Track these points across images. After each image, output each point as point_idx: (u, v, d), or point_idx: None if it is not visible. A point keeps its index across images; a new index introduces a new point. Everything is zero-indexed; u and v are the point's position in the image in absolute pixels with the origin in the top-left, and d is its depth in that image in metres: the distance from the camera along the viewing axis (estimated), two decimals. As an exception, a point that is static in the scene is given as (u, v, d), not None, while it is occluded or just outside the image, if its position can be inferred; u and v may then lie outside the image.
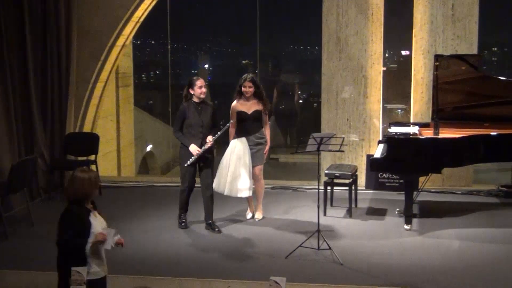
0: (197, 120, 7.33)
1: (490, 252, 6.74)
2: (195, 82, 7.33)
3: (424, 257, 6.60)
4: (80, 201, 4.68)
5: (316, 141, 6.59)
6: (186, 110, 7.35)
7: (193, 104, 7.37)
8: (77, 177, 4.69)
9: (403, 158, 7.46)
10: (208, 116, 7.39)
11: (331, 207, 8.46)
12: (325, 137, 6.65)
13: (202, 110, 7.38)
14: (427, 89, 9.47)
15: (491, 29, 13.57)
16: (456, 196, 9.30)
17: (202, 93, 7.33)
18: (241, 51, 16.99)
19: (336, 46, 9.71)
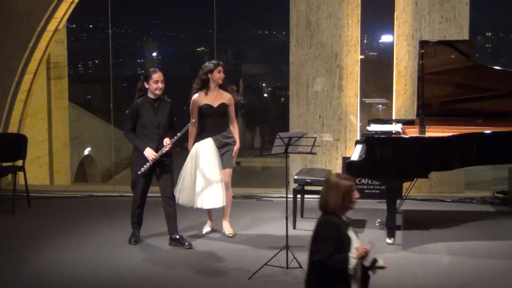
0: (152, 119, 7.30)
1: (486, 269, 6.83)
2: (151, 75, 7.29)
3: (409, 275, 6.66)
4: (337, 212, 4.71)
5: (283, 142, 6.57)
6: (140, 108, 7.31)
7: (148, 100, 7.34)
8: (339, 184, 4.74)
9: (385, 161, 7.52)
10: (165, 115, 7.36)
11: (302, 219, 8.48)
12: (294, 137, 6.65)
13: (159, 108, 7.35)
14: (411, 81, 9.57)
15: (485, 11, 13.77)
16: (446, 204, 9.42)
17: (158, 89, 7.30)
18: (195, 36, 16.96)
19: (306, 30, 9.76)
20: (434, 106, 8.39)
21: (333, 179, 4.83)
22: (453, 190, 9.81)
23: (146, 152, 7.22)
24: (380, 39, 12.30)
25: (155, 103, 7.34)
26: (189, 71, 16.66)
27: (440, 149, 7.52)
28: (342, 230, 4.67)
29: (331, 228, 4.68)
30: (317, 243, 4.65)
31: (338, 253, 4.57)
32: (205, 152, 7.55)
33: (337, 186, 4.74)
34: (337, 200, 4.71)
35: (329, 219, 4.73)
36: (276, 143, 6.58)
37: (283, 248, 6.73)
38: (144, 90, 7.38)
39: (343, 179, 4.80)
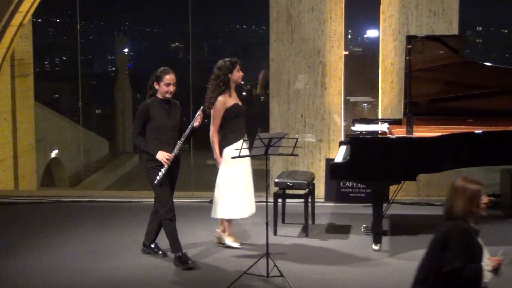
0: (165, 121, 7.06)
1: (476, 276, 6.87)
2: (163, 76, 7.05)
3: (397, 284, 6.68)
4: (465, 218, 4.67)
5: (263, 143, 6.57)
6: (150, 109, 7.07)
7: (158, 101, 7.11)
8: (466, 188, 4.71)
9: (370, 163, 7.54)
10: (178, 116, 7.19)
11: (283, 224, 8.50)
12: (274, 138, 6.64)
13: (171, 109, 7.15)
14: (398, 78, 9.62)
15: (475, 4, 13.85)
16: (435, 208, 9.46)
17: (169, 93, 7.07)
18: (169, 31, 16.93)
19: (287, 25, 9.77)
20: (422, 105, 8.44)
21: (459, 182, 4.75)
22: (442, 193, 9.85)
23: (158, 155, 6.95)
24: (365, 34, 12.36)
25: (166, 104, 7.12)
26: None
27: (428, 150, 7.55)
28: (474, 237, 4.61)
29: (462, 235, 4.59)
30: (447, 252, 4.53)
31: (470, 263, 4.49)
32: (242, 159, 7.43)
33: (463, 190, 4.69)
34: (463, 205, 4.66)
35: (459, 226, 4.62)
36: (256, 144, 6.56)
37: (263, 256, 6.72)
38: (154, 90, 7.15)
39: (470, 182, 4.73)
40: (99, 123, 16.91)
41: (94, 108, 16.73)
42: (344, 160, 7.64)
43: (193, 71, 11.20)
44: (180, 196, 9.98)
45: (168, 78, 7.03)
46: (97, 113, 17.28)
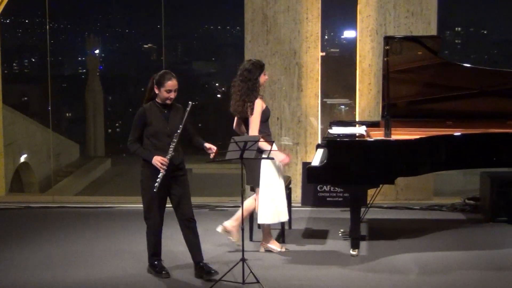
0: (163, 127, 6.82)
1: (457, 281, 6.90)
2: (164, 82, 6.78)
3: (375, 290, 6.72)
4: None
5: (238, 147, 6.57)
6: (148, 115, 6.84)
7: (157, 106, 6.88)
8: None
9: (348, 166, 7.56)
10: (178, 121, 6.85)
11: (259, 230, 8.49)
12: (250, 141, 6.64)
13: (171, 114, 6.89)
14: (376, 80, 9.66)
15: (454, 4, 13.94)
16: (414, 212, 9.52)
17: (169, 99, 6.82)
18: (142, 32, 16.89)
19: (263, 25, 9.79)
20: (400, 107, 8.48)
21: None
22: (421, 197, 9.92)
23: (154, 160, 6.74)
24: (343, 34, 12.39)
25: (165, 109, 6.87)
26: (135, 69, 16.58)
27: (406, 153, 7.58)
28: None
29: None
30: None
31: None
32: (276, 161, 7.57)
33: None
34: None
35: None
36: (231, 148, 6.54)
37: (238, 262, 6.72)
38: (152, 93, 6.93)
39: None
40: (70, 127, 16.84)
41: (65, 111, 16.65)
42: (321, 163, 7.65)
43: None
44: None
45: (170, 84, 6.76)
46: (68, 116, 17.20)
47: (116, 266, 7.40)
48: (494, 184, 8.89)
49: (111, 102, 15.74)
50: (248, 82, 7.46)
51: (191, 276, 7.00)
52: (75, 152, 16.01)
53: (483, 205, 9.31)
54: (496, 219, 8.87)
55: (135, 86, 16.22)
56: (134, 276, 7.09)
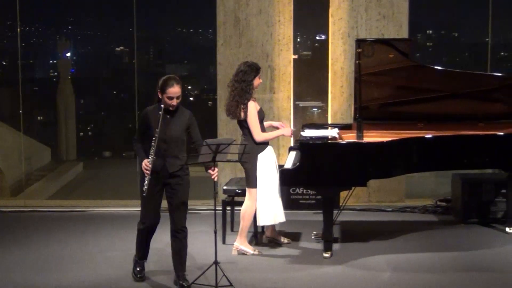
0: (161, 132, 6.59)
1: (429, 282, 6.95)
2: (166, 89, 6.57)
3: (348, 292, 6.75)
4: None
5: (211, 150, 6.55)
6: (150, 117, 6.66)
7: (160, 109, 6.64)
8: None
9: (320, 169, 7.59)
10: (180, 128, 6.70)
11: (232, 233, 8.50)
12: (222, 144, 6.62)
13: (173, 119, 6.69)
14: (348, 82, 9.70)
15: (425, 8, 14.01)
16: (386, 214, 9.57)
17: (171, 106, 6.63)
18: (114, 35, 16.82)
19: (235, 28, 9.80)
20: (372, 109, 8.52)
21: None
22: (393, 199, 9.97)
23: (142, 164, 6.65)
24: (315, 37, 12.41)
25: (168, 114, 6.66)
26: (107, 72, 16.50)
27: (378, 155, 7.62)
28: None
29: None
30: None
31: None
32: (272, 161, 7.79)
33: None
34: None
35: None
36: (203, 151, 6.51)
37: (211, 265, 6.71)
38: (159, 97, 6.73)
39: None
40: (41, 130, 16.71)
41: (36, 114, 16.52)
42: (293, 166, 7.68)
43: (139, 76, 11.15)
44: (128, 204, 9.97)
45: (171, 91, 6.55)
46: (39, 119, 17.08)
47: (87, 270, 7.38)
48: (465, 186, 8.97)
49: (83, 105, 15.63)
50: (242, 83, 7.57)
51: (171, 282, 6.99)
52: (46, 155, 15.90)
53: (454, 207, 9.38)
54: (468, 221, 8.95)
55: (107, 89, 16.14)
56: (106, 279, 7.07)
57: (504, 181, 8.75)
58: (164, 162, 6.65)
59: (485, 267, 7.38)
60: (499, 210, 8.92)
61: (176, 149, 6.67)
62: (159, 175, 6.68)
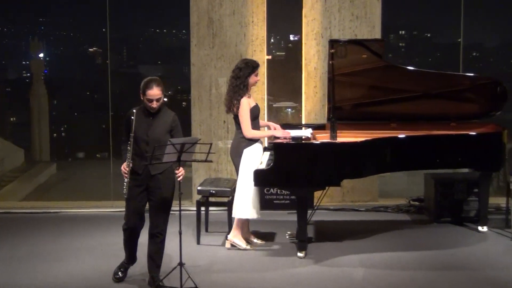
0: (143, 134, 6.57)
1: (402, 281, 6.99)
2: (146, 91, 6.51)
3: (322, 291, 6.77)
4: None
5: (176, 149, 6.47)
6: (132, 118, 6.54)
7: (143, 111, 6.64)
8: None
9: (294, 169, 7.60)
10: (162, 130, 6.64)
11: (207, 233, 8.50)
12: (187, 144, 6.54)
13: (155, 121, 6.64)
14: (321, 83, 9.73)
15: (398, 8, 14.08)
16: (360, 213, 9.60)
17: (151, 109, 6.58)
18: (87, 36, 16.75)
19: (208, 29, 9.79)
20: (345, 110, 8.55)
21: None
22: (366, 198, 10.01)
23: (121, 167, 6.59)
24: (288, 38, 12.43)
25: (151, 115, 6.62)
26: (80, 74, 16.43)
27: (352, 155, 7.64)
28: None
29: None
30: None
31: None
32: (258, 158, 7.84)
33: None
34: None
35: None
36: (168, 150, 6.43)
37: (176, 267, 6.64)
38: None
39: None
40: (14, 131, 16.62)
41: (9, 115, 16.43)
42: (268, 166, 7.69)
43: (112, 77, 11.10)
44: (101, 205, 9.95)
45: (151, 93, 6.50)
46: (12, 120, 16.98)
47: (60, 270, 7.35)
48: (437, 185, 9.01)
49: (56, 106, 15.56)
50: (237, 79, 7.74)
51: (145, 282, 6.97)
52: (19, 157, 15.82)
53: (427, 206, 9.42)
54: (440, 220, 9.00)
55: (81, 90, 16.07)
56: (79, 280, 7.04)
57: (476, 180, 8.81)
58: (148, 164, 6.55)
59: (457, 265, 7.43)
60: (471, 209, 8.97)
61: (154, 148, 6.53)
62: (141, 176, 6.65)
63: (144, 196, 6.73)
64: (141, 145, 6.58)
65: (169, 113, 6.74)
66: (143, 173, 6.62)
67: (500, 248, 8.03)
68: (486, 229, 8.60)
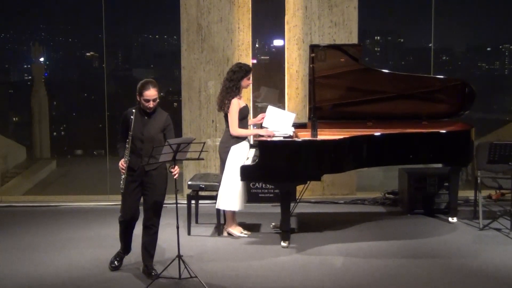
0: (138, 132, 6.55)
1: (379, 268, 6.99)
2: (143, 92, 6.51)
3: (304, 278, 6.74)
4: None
5: (172, 149, 6.46)
6: (129, 118, 6.53)
7: (139, 111, 6.60)
8: None
9: (278, 165, 7.59)
10: (156, 129, 6.63)
11: (196, 225, 8.48)
12: (182, 144, 6.54)
13: (149, 120, 6.62)
14: (303, 84, 9.72)
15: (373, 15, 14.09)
16: (339, 206, 9.60)
17: (148, 109, 6.57)
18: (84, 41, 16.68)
19: (198, 35, 9.76)
20: (325, 109, 8.56)
21: None
22: (345, 192, 10.01)
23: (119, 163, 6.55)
24: (272, 43, 12.41)
25: (146, 115, 6.61)
26: (78, 76, 16.35)
27: (332, 152, 7.64)
28: None
29: None
30: None
31: None
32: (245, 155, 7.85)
33: None
34: None
35: None
36: (165, 151, 6.41)
37: (174, 259, 6.61)
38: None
39: None
40: (17, 130, 16.54)
41: (11, 115, 16.34)
42: (253, 162, 7.67)
43: (108, 79, 11.06)
44: (98, 199, 9.91)
45: (147, 94, 6.49)
46: (15, 120, 16.88)
47: (60, 260, 7.31)
48: (411, 179, 9.03)
49: (55, 106, 15.47)
50: (231, 81, 7.75)
51: (128, 273, 6.93)
52: (22, 154, 15.74)
53: (401, 199, 9.43)
54: (413, 212, 9.01)
55: (78, 92, 16.00)
56: (78, 270, 7.00)
57: (446, 174, 8.83)
58: (141, 160, 6.57)
59: (429, 254, 7.44)
60: (442, 202, 8.99)
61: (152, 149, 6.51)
62: (136, 172, 6.63)
63: (139, 191, 6.71)
64: (136, 143, 6.56)
65: (162, 113, 6.72)
66: (138, 170, 6.60)
67: (469, 237, 8.04)
68: (456, 220, 8.62)
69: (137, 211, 6.82)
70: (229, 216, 8.08)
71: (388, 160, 8.15)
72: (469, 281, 6.61)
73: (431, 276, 6.75)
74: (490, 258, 7.25)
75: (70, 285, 6.59)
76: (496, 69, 15.37)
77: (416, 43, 15.29)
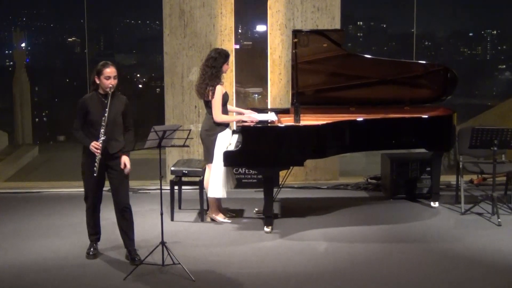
0: (99, 116, 6.52)
1: (361, 253, 7.02)
2: (102, 70, 6.57)
3: (287, 263, 6.76)
4: None
5: (157, 136, 6.46)
6: (88, 104, 6.57)
7: (97, 96, 6.62)
8: None
9: (261, 150, 7.59)
10: (116, 112, 6.63)
11: (180, 210, 8.48)
12: (168, 130, 6.56)
13: (110, 104, 6.54)
14: (285, 70, 9.71)
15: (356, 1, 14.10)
16: (322, 191, 9.62)
17: (110, 86, 6.56)
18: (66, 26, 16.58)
19: (180, 20, 9.72)
20: (308, 95, 8.55)
21: None
22: (328, 177, 10.04)
23: (90, 146, 6.50)
24: (255, 28, 12.40)
25: (105, 99, 6.56)
26: (60, 62, 16.28)
27: (314, 137, 7.65)
28: None
29: None
30: None
31: None
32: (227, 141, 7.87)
33: None
34: None
35: None
36: (150, 137, 6.43)
37: (158, 245, 6.62)
38: (95, 85, 6.67)
39: None
40: (-2, 117, 16.47)
41: (-7, 104, 16.27)
42: (236, 148, 7.67)
43: (90, 65, 11.01)
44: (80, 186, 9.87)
45: (108, 71, 6.55)
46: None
47: (42, 247, 7.29)
48: (393, 164, 9.05)
49: (37, 92, 15.40)
50: (212, 68, 7.73)
51: (122, 257, 6.91)
52: (4, 140, 15.67)
53: (384, 184, 9.47)
54: (396, 196, 9.05)
55: (60, 78, 15.93)
56: (61, 256, 6.99)
57: (428, 159, 8.88)
58: (105, 144, 6.57)
59: (412, 238, 7.48)
60: (424, 187, 9.03)
61: (115, 132, 6.63)
62: (103, 154, 6.60)
63: (102, 174, 6.74)
64: (99, 127, 6.53)
65: (121, 97, 6.78)
66: (102, 153, 6.55)
67: (451, 222, 8.09)
68: (437, 204, 8.67)
69: (101, 194, 6.93)
70: (212, 202, 8.08)
71: (371, 145, 8.16)
72: (452, 265, 6.65)
73: (413, 260, 6.79)
74: (472, 242, 7.30)
75: (55, 272, 6.57)
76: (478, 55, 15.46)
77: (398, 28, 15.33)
